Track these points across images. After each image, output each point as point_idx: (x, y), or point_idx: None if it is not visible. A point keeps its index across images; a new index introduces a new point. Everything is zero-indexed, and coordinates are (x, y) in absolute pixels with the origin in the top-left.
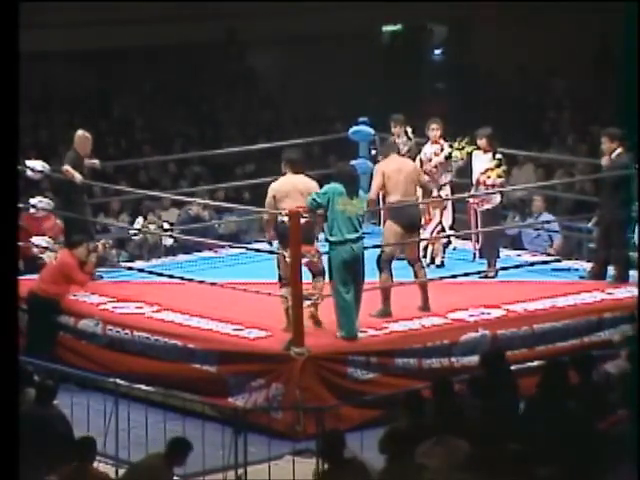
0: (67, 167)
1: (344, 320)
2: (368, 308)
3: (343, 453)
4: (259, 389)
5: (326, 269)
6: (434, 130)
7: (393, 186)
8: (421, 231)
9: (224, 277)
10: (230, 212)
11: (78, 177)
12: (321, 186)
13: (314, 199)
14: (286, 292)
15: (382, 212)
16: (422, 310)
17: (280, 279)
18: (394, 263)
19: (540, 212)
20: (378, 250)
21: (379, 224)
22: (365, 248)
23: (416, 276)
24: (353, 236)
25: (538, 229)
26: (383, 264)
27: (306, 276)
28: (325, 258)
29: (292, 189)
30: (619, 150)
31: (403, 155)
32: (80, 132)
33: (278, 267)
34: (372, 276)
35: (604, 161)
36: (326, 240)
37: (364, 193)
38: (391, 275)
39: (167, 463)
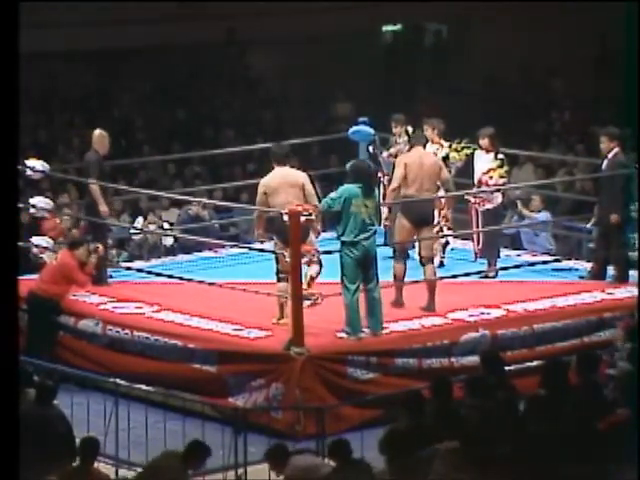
0: (97, 194)
1: (350, 317)
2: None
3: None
4: (259, 389)
5: (323, 266)
6: (427, 131)
7: (411, 180)
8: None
9: (224, 277)
10: (230, 212)
11: (105, 209)
12: (324, 180)
13: (329, 204)
14: (283, 288)
15: (382, 209)
16: (426, 310)
17: (278, 275)
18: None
19: (539, 211)
20: (383, 249)
21: (379, 224)
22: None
23: (425, 275)
24: (364, 236)
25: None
26: (397, 255)
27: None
28: (328, 257)
29: (281, 182)
30: (616, 150)
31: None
32: (97, 131)
33: (277, 263)
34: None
35: (604, 163)
36: (337, 238)
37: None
38: (405, 266)
39: (184, 465)
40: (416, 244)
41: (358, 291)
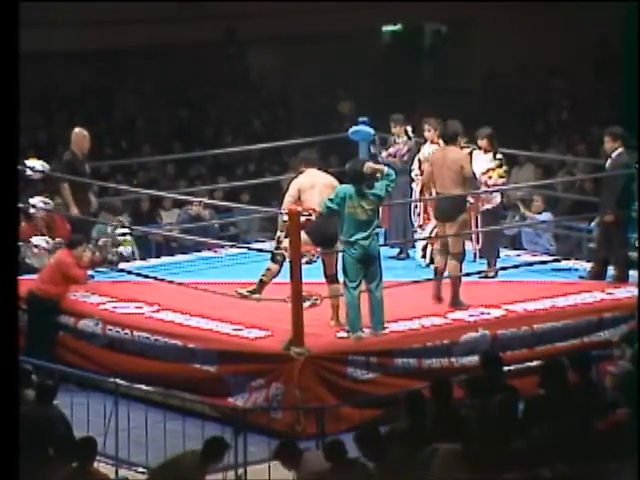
0: (67, 196)
1: (349, 316)
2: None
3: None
4: (259, 389)
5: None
6: (427, 131)
7: (435, 178)
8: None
9: (224, 277)
10: (230, 212)
11: (74, 211)
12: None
13: (327, 205)
14: (334, 289)
15: (381, 210)
16: (452, 306)
17: (326, 277)
18: (397, 263)
19: (540, 212)
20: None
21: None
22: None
23: (447, 270)
24: (361, 236)
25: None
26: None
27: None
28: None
29: (316, 182)
30: (620, 149)
31: (403, 155)
32: (77, 130)
33: (324, 265)
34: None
35: (607, 162)
36: (339, 238)
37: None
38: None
39: (204, 462)
40: (417, 244)
41: (358, 290)
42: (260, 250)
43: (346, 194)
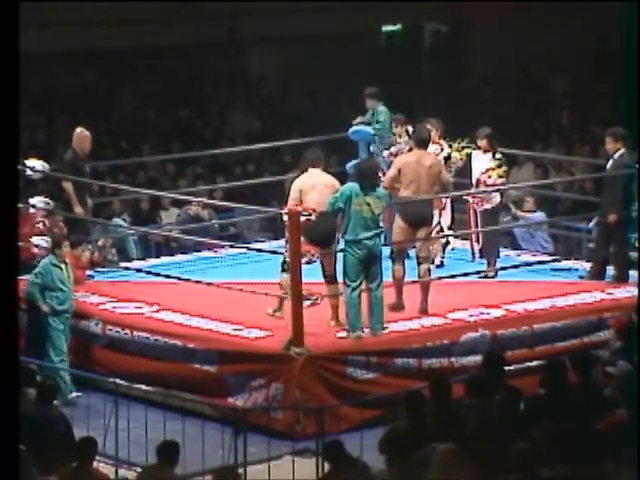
0: (71, 195)
1: (349, 315)
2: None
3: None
4: (259, 389)
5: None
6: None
7: (408, 181)
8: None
9: (224, 277)
10: (230, 212)
11: (79, 210)
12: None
13: (333, 203)
14: (333, 289)
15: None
16: (420, 312)
17: (325, 277)
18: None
19: (533, 211)
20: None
21: None
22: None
23: (419, 275)
24: (367, 235)
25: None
26: (395, 257)
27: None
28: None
29: (317, 183)
30: (622, 150)
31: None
32: (78, 130)
33: (322, 265)
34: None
35: (609, 163)
36: (342, 237)
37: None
38: (403, 268)
39: (166, 469)
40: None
41: (359, 289)
42: (260, 250)
43: (352, 192)
